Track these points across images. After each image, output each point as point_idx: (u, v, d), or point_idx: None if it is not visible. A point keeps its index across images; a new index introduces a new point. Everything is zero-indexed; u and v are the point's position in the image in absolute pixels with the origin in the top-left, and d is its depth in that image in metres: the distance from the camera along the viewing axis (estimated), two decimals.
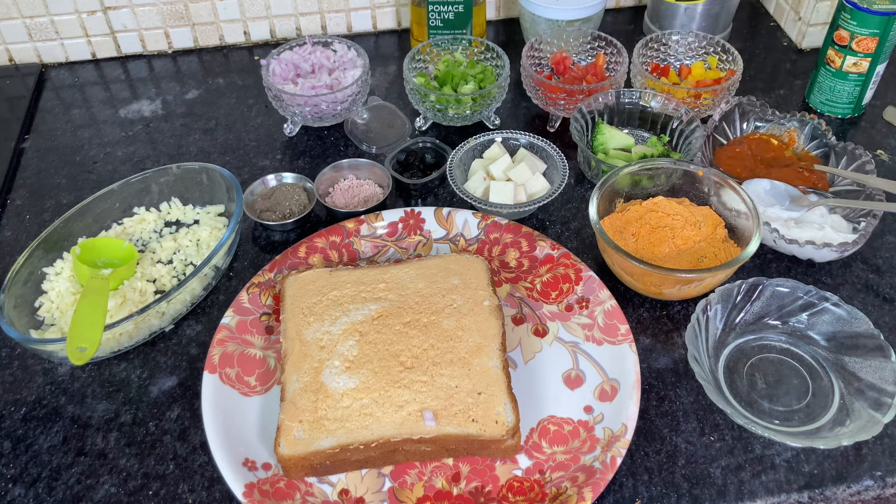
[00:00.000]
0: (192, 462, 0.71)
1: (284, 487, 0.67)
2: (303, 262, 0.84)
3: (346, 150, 1.02)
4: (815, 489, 0.68)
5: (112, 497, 0.68)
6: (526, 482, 0.68)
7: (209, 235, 0.88)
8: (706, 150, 0.94)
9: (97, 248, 0.85)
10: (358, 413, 0.67)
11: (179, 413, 0.74)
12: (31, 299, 0.81)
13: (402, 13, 1.23)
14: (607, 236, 0.78)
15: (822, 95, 1.06)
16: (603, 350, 0.76)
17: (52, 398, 0.76)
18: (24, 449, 0.72)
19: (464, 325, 0.73)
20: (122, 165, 1.01)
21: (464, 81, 1.02)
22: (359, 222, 0.87)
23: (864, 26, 0.96)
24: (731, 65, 1.04)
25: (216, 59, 1.20)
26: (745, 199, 0.80)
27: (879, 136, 1.04)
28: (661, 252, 0.82)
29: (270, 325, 0.80)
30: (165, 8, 1.15)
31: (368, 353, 0.71)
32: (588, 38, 1.09)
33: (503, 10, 1.26)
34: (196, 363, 0.78)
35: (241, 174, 0.99)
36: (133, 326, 0.76)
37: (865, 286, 0.84)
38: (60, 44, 1.17)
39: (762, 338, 0.79)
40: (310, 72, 1.05)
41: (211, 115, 1.09)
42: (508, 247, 0.86)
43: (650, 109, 0.99)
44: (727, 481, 0.69)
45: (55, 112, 1.10)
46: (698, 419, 0.73)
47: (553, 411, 0.73)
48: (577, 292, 0.81)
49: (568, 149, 0.99)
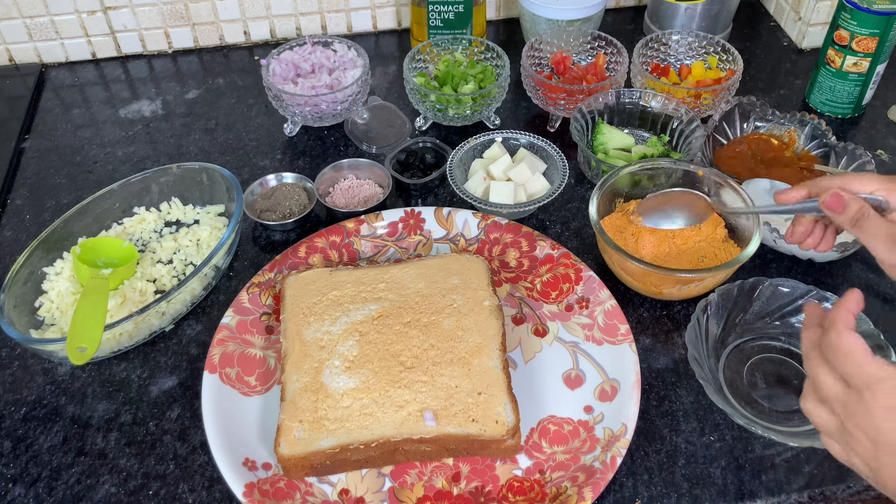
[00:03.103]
0: (192, 462, 0.71)
1: (284, 487, 0.67)
2: (303, 262, 0.84)
3: (346, 150, 1.02)
4: (815, 489, 0.68)
5: (112, 497, 0.68)
6: (526, 482, 0.68)
7: (209, 235, 0.88)
8: (706, 150, 0.94)
9: (97, 248, 0.85)
10: (358, 413, 0.67)
11: (179, 413, 0.74)
12: (31, 299, 0.81)
13: (402, 13, 1.23)
14: (607, 236, 0.78)
15: (822, 95, 1.06)
16: (603, 350, 0.76)
17: (52, 398, 0.76)
18: (24, 449, 0.72)
19: (464, 325, 0.73)
20: (123, 165, 1.01)
21: (464, 81, 1.02)
22: (359, 222, 0.87)
23: (864, 26, 0.96)
24: (731, 65, 1.04)
25: (216, 59, 1.20)
26: (745, 200, 0.80)
27: (879, 136, 1.04)
28: (661, 252, 0.82)
29: (270, 325, 0.80)
30: (165, 8, 1.15)
31: (368, 353, 0.71)
32: (588, 38, 1.09)
33: (503, 10, 1.26)
34: (196, 363, 0.78)
35: (241, 174, 0.99)
36: (133, 326, 0.76)
37: (865, 286, 0.84)
38: (60, 44, 1.17)
39: (762, 338, 0.79)
40: (310, 72, 1.05)
41: (211, 115, 1.09)
42: (508, 247, 0.86)
43: (650, 109, 0.99)
44: (727, 481, 0.69)
45: (55, 112, 1.10)
46: (698, 419, 0.73)
47: (553, 411, 0.73)
48: (577, 292, 0.81)
49: (568, 149, 0.99)
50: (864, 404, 0.52)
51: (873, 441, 0.52)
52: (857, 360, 0.53)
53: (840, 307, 0.56)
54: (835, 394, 0.54)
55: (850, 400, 0.53)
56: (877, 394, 0.51)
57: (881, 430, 0.51)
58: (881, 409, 0.51)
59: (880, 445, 0.52)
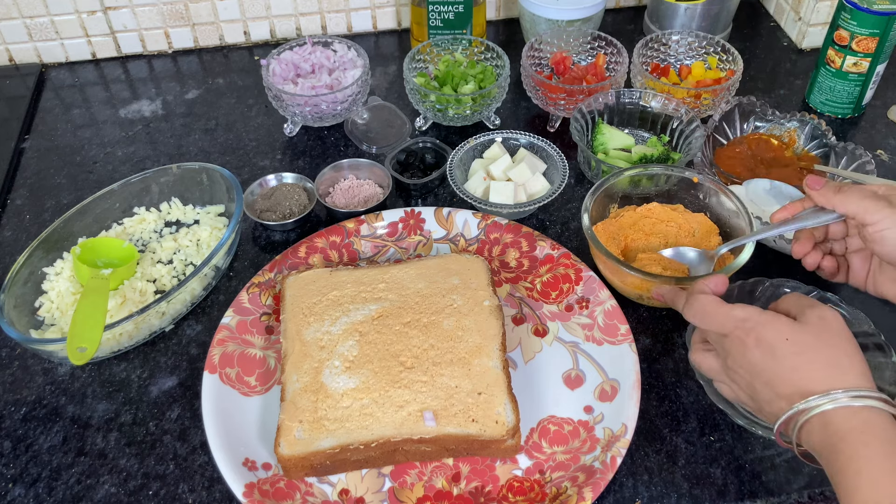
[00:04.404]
0: (192, 462, 0.71)
1: (284, 487, 0.67)
2: (303, 262, 0.84)
3: (346, 150, 1.02)
4: (815, 489, 0.68)
5: (112, 497, 0.68)
6: (526, 482, 0.68)
7: (209, 235, 0.88)
8: (706, 150, 0.94)
9: (97, 248, 0.85)
10: (358, 413, 0.67)
11: (179, 413, 0.74)
12: (31, 299, 0.81)
13: (402, 13, 1.23)
14: (599, 243, 0.78)
15: (822, 95, 1.06)
16: (603, 350, 0.76)
17: (52, 398, 0.76)
18: (24, 449, 0.72)
19: (464, 325, 0.73)
20: (123, 165, 1.01)
21: (464, 81, 1.02)
22: (359, 222, 0.87)
23: (864, 26, 0.96)
24: (731, 65, 1.04)
25: (216, 59, 1.20)
26: (737, 206, 0.80)
27: (879, 136, 1.04)
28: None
29: (270, 325, 0.80)
30: (165, 8, 1.15)
31: (368, 353, 0.71)
32: (588, 38, 1.09)
33: (503, 10, 1.26)
34: (196, 363, 0.78)
35: (241, 174, 0.99)
36: (133, 326, 0.76)
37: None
38: (60, 44, 1.17)
39: None
40: (310, 72, 1.05)
41: (211, 115, 1.09)
42: (508, 247, 0.86)
43: (650, 109, 0.99)
44: (727, 481, 0.69)
45: (55, 112, 1.10)
46: (698, 419, 0.73)
47: (553, 411, 0.73)
48: (577, 292, 0.81)
49: (568, 149, 0.99)
50: (739, 342, 0.60)
51: (749, 372, 0.60)
52: (721, 311, 0.61)
53: (698, 282, 0.66)
54: (714, 340, 0.63)
55: (726, 343, 0.61)
56: (747, 331, 0.60)
57: (753, 362, 0.59)
58: (751, 345, 0.59)
59: (755, 376, 0.59)
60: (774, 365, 0.58)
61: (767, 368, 0.58)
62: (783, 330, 0.59)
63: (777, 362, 0.58)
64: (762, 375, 0.59)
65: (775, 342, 0.58)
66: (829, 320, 0.59)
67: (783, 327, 0.59)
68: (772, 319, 0.59)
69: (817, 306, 0.60)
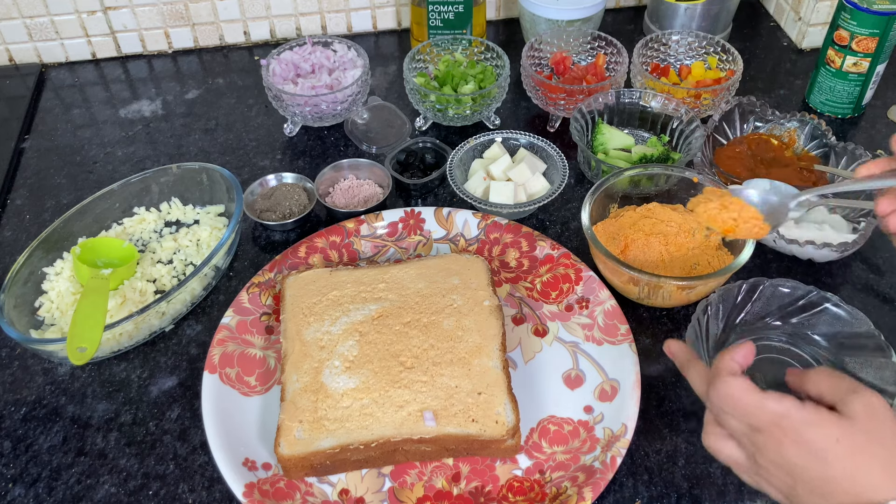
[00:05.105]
0: (192, 462, 0.71)
1: (284, 487, 0.67)
2: (303, 262, 0.84)
3: (346, 150, 1.02)
4: None
5: (112, 497, 0.68)
6: (526, 482, 0.68)
7: (209, 235, 0.88)
8: (706, 150, 0.94)
9: (97, 248, 0.85)
10: (358, 413, 0.67)
11: (179, 413, 0.74)
12: (31, 299, 0.81)
13: (402, 13, 1.23)
14: (599, 243, 0.78)
15: (822, 95, 1.06)
16: (603, 350, 0.76)
17: (52, 398, 0.76)
18: (24, 449, 0.72)
19: (464, 325, 0.73)
20: (122, 165, 1.01)
21: (464, 81, 1.02)
22: (359, 222, 0.87)
23: (864, 26, 0.96)
24: (731, 65, 1.04)
25: (216, 59, 1.20)
26: None
27: (879, 136, 1.04)
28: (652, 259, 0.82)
29: (270, 325, 0.80)
30: (165, 8, 1.15)
31: (368, 353, 0.71)
32: (588, 38, 1.09)
33: (503, 10, 1.26)
34: (196, 363, 0.78)
35: (241, 174, 0.99)
36: (133, 326, 0.76)
37: (865, 286, 0.84)
38: (60, 44, 1.17)
39: (762, 338, 0.78)
40: (310, 72, 1.05)
41: (211, 115, 1.09)
42: (508, 247, 0.86)
43: (650, 109, 0.99)
44: (727, 481, 0.69)
45: (55, 112, 1.10)
46: (698, 419, 0.73)
47: (553, 411, 0.73)
48: (577, 292, 0.81)
49: (568, 149, 0.99)
50: (775, 440, 0.53)
51: (789, 474, 0.53)
52: (753, 401, 0.53)
53: (724, 355, 0.57)
54: (741, 431, 0.55)
55: (758, 438, 0.54)
56: (785, 430, 0.52)
57: (795, 466, 0.52)
58: (791, 446, 0.52)
59: (798, 479, 0.52)
60: (825, 471, 0.51)
61: (817, 476, 0.51)
62: (832, 432, 0.51)
63: (827, 468, 0.51)
64: (809, 482, 0.52)
65: (825, 446, 0.51)
66: (876, 409, 0.52)
67: (832, 429, 0.51)
68: (816, 419, 0.52)
69: (860, 391, 0.53)
